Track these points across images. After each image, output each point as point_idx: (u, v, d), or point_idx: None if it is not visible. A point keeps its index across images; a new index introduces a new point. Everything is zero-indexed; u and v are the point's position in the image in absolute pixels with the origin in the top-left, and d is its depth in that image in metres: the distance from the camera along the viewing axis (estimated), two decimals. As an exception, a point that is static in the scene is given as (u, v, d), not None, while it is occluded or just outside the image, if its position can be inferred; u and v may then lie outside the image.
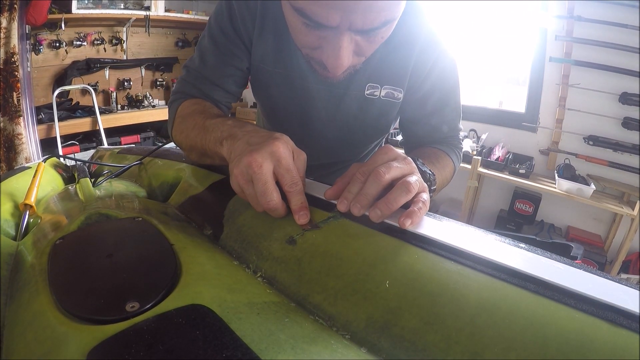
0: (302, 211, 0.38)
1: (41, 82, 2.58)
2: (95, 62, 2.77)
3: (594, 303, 0.25)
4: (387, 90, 0.62)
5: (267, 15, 0.59)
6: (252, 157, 0.37)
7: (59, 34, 2.53)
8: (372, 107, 0.64)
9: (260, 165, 0.36)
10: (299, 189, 0.38)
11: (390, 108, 0.64)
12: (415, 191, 0.37)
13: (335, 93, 0.63)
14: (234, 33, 0.61)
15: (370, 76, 0.61)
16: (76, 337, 0.25)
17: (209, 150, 0.48)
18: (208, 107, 0.60)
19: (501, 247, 0.33)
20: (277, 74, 0.63)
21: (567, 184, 1.98)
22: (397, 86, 0.62)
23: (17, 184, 0.61)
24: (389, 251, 0.33)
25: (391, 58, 0.59)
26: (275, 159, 0.37)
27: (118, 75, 2.98)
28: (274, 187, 0.37)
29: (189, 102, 0.62)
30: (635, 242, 1.95)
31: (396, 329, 0.27)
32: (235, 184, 0.39)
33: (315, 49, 0.46)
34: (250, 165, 0.37)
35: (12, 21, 2.01)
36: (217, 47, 0.62)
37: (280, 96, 0.66)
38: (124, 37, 2.88)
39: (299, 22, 0.43)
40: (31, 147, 2.12)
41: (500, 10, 2.28)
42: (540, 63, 2.18)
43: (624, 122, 1.98)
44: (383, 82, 0.62)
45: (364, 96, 0.62)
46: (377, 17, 0.40)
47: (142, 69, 3.12)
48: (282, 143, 0.39)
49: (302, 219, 0.37)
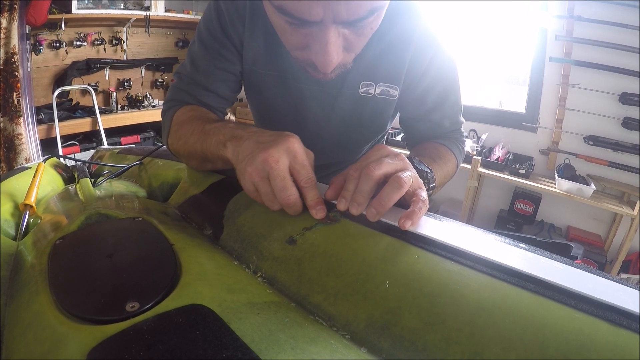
0: (318, 206, 0.38)
1: (41, 82, 2.58)
2: (95, 63, 2.77)
3: (594, 303, 0.25)
4: (382, 88, 0.61)
5: (257, 15, 0.58)
6: (267, 153, 0.37)
7: (59, 34, 2.53)
8: (367, 105, 0.63)
9: (277, 161, 0.36)
10: (314, 184, 0.38)
11: (385, 106, 0.63)
12: (408, 186, 0.36)
13: (329, 93, 0.63)
14: (224, 36, 0.60)
15: (364, 74, 0.60)
16: (76, 337, 0.25)
17: (210, 155, 0.48)
18: (205, 112, 0.60)
19: (501, 247, 0.33)
20: (270, 76, 0.63)
21: (567, 184, 1.98)
22: (393, 83, 0.61)
23: (17, 184, 0.61)
24: (389, 251, 0.33)
25: (385, 55, 0.58)
26: (292, 155, 0.38)
27: (118, 75, 2.98)
28: (292, 182, 0.37)
29: (185, 109, 0.61)
30: (635, 242, 1.95)
31: (396, 329, 0.27)
32: (249, 182, 0.39)
33: (303, 49, 0.45)
34: (267, 161, 0.36)
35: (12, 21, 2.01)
36: (208, 52, 0.61)
37: (274, 98, 0.65)
38: (124, 37, 2.88)
39: (282, 21, 0.42)
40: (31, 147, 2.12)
41: (500, 10, 2.28)
42: (540, 63, 2.18)
43: (624, 122, 1.98)
44: (378, 80, 0.61)
45: (359, 95, 0.62)
46: (361, 5, 0.38)
47: (142, 69, 3.12)
48: (296, 140, 0.39)
49: (319, 213, 0.38)
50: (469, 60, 2.52)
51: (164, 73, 3.25)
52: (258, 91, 0.66)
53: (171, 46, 3.25)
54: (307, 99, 0.64)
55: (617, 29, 1.89)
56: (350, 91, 0.62)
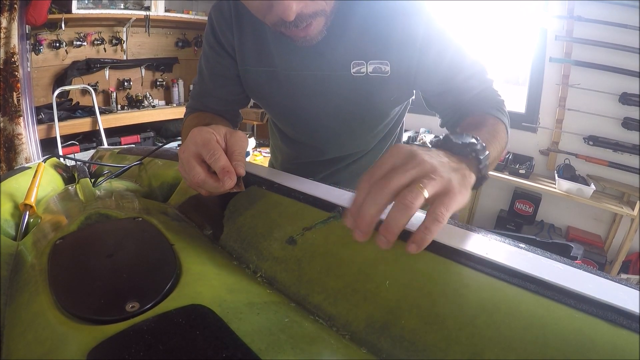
0: (225, 175, 0.41)
1: (41, 82, 2.58)
2: (95, 62, 2.77)
3: (594, 303, 0.25)
4: (374, 66, 0.59)
5: (242, 16, 0.61)
6: (180, 149, 0.44)
7: (59, 34, 2.53)
8: (362, 85, 0.61)
9: (183, 151, 0.43)
10: (218, 156, 0.41)
11: (380, 84, 0.60)
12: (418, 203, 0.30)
13: (319, 76, 0.62)
14: (218, 45, 0.65)
15: (353, 53, 0.59)
16: (76, 337, 0.25)
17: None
18: (203, 117, 0.65)
19: (501, 247, 0.33)
20: (263, 72, 0.64)
21: (567, 184, 1.98)
22: (383, 59, 0.58)
23: (17, 184, 0.61)
24: (389, 251, 0.33)
25: (372, 31, 0.57)
26: (193, 143, 0.43)
27: (118, 75, 2.98)
28: (196, 164, 0.42)
29: (192, 116, 0.68)
30: (635, 242, 1.95)
31: (396, 329, 0.27)
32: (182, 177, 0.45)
33: (270, 12, 0.46)
34: (179, 155, 0.44)
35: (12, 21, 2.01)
36: (209, 62, 0.67)
37: (271, 94, 0.67)
38: (124, 37, 2.88)
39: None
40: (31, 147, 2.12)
41: (500, 11, 2.28)
42: (540, 63, 2.18)
43: (624, 122, 1.98)
44: (368, 57, 0.59)
45: (351, 75, 0.60)
46: None
47: (142, 69, 3.12)
48: (200, 130, 0.44)
49: (227, 183, 0.41)
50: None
51: (164, 73, 3.25)
52: (256, 89, 0.67)
53: (171, 46, 3.25)
54: (300, 87, 0.64)
55: (617, 29, 1.89)
56: (342, 72, 0.60)
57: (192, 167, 0.42)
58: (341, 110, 0.66)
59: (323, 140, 0.73)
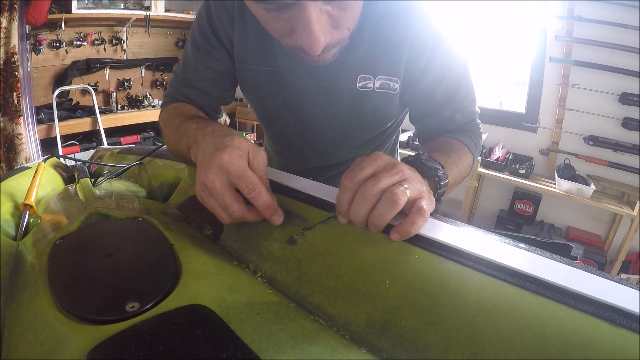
0: (271, 213, 0.38)
1: (41, 82, 2.58)
2: (95, 62, 2.77)
3: (594, 303, 0.25)
4: (382, 81, 0.57)
5: (246, 12, 0.57)
6: (204, 175, 0.37)
7: (59, 34, 2.53)
8: (367, 101, 0.59)
9: (213, 182, 0.37)
10: (259, 191, 0.38)
11: (386, 101, 0.59)
12: (403, 201, 0.34)
13: (324, 86, 0.59)
14: (213, 35, 0.60)
15: (361, 67, 0.57)
16: (76, 337, 0.25)
17: (186, 156, 0.49)
18: (186, 110, 0.61)
19: (501, 247, 0.33)
20: (264, 72, 0.61)
21: (567, 184, 1.98)
22: (393, 76, 0.57)
23: (17, 184, 0.61)
24: (389, 251, 0.33)
25: (382, 46, 0.55)
26: (225, 171, 0.37)
27: (118, 75, 2.99)
28: (233, 199, 0.37)
29: (171, 107, 0.63)
30: (635, 242, 1.95)
31: (396, 329, 0.27)
32: (200, 198, 0.39)
33: (290, 35, 0.42)
34: (205, 184, 0.37)
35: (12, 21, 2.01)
36: (198, 51, 0.62)
37: (270, 95, 0.64)
38: (124, 37, 2.88)
39: (261, 10, 0.41)
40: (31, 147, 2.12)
41: (500, 11, 2.28)
42: (540, 63, 2.18)
43: (624, 122, 1.98)
44: (377, 73, 0.57)
45: (357, 89, 0.58)
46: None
47: (142, 69, 3.12)
48: (228, 152, 0.38)
49: (275, 221, 0.38)
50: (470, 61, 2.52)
51: (164, 73, 3.26)
52: (254, 89, 0.64)
53: (171, 46, 3.25)
54: (303, 94, 0.62)
55: (617, 29, 1.89)
56: (347, 85, 0.58)
57: (228, 205, 0.37)
58: (341, 122, 0.64)
59: (319, 148, 0.71)
